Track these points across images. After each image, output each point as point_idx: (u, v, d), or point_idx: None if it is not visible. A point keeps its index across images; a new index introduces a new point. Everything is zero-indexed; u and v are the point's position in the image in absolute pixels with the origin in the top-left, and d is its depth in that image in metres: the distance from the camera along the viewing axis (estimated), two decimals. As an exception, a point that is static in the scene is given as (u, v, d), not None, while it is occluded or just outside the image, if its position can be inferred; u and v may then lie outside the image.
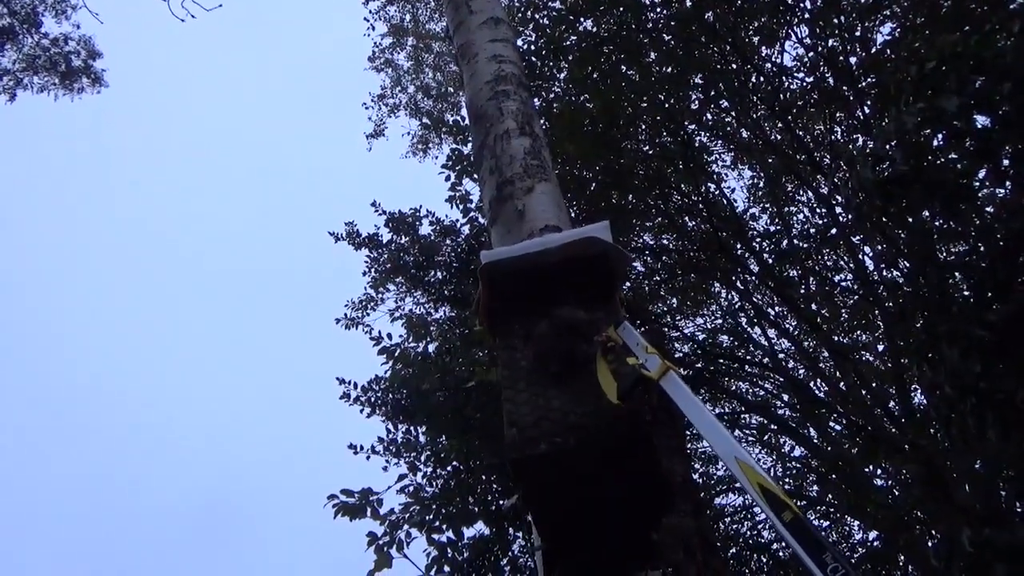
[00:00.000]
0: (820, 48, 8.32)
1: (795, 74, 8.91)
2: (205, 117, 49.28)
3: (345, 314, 9.21)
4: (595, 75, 8.45)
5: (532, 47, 8.56)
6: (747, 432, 9.66)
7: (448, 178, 8.17)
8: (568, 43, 8.57)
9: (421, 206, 8.83)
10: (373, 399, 7.62)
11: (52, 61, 12.51)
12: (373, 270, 9.16)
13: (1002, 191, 4.18)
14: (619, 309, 1.86)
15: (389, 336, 7.54)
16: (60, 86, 12.63)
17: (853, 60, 8.12)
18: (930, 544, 6.25)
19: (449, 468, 6.78)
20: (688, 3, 8.37)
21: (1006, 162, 3.97)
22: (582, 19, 8.58)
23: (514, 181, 2.66)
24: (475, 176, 7.86)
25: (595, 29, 8.63)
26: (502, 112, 2.95)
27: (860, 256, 8.87)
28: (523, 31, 8.50)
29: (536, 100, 8.05)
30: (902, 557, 7.54)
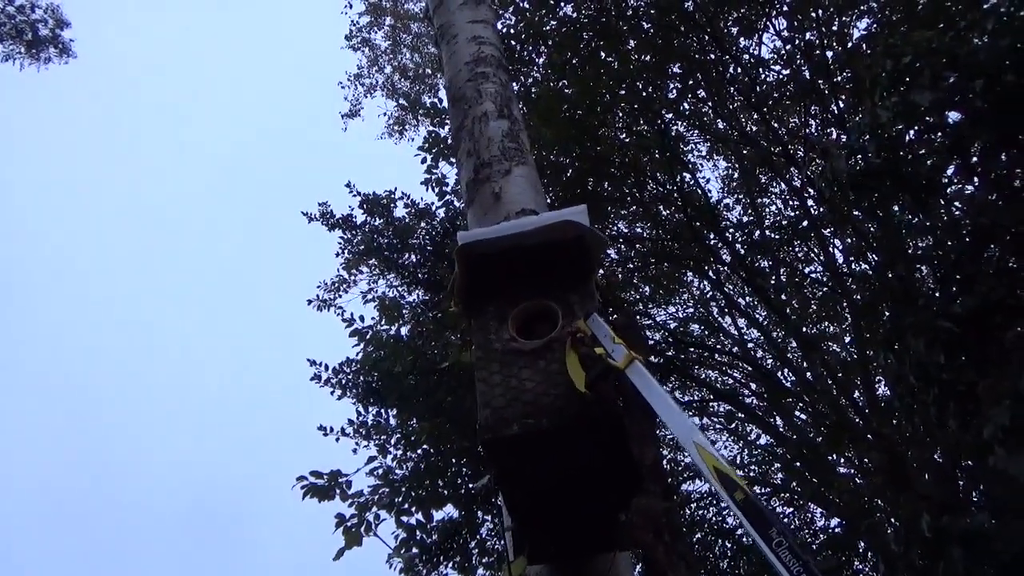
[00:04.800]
0: (797, 41, 8.38)
1: (772, 66, 8.98)
2: (176, 93, 48.27)
3: (317, 295, 9.15)
4: (574, 61, 8.42)
5: (512, 31, 8.51)
6: (715, 420, 9.77)
7: (424, 161, 8.12)
8: (548, 28, 8.53)
9: (396, 188, 8.79)
10: (344, 381, 7.60)
11: (18, 29, 12.15)
12: (346, 251, 9.09)
13: (970, 187, 4.26)
14: (595, 293, 1.86)
15: (361, 318, 7.52)
16: (26, 55, 12.27)
17: (830, 54, 8.20)
18: (890, 530, 6.40)
19: (419, 451, 6.78)
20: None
21: (975, 158, 4.05)
22: (562, 4, 8.55)
23: (491, 164, 2.65)
24: (451, 159, 7.82)
25: (575, 14, 8.59)
26: (481, 94, 2.93)
27: (830, 248, 9.01)
28: (503, 14, 8.44)
29: (514, 84, 8.00)
30: (862, 543, 7.71)
